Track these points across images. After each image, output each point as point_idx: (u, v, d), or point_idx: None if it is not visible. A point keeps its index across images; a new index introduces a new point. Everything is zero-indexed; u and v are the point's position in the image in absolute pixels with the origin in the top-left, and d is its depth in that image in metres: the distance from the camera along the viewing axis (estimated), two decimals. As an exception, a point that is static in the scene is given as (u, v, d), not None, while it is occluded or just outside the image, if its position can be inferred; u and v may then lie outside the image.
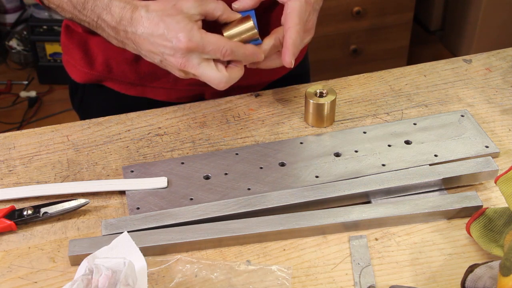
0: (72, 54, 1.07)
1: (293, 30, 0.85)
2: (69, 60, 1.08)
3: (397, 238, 0.75)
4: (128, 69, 1.03)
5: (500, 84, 0.99)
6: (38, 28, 2.55)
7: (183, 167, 0.84)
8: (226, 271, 0.71)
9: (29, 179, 0.85)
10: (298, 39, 0.85)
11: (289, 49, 0.85)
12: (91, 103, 1.12)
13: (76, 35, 1.05)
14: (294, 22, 0.85)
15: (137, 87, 1.05)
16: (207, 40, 0.79)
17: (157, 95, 1.04)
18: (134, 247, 0.67)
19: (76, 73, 1.08)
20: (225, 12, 0.83)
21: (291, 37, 0.85)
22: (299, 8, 0.86)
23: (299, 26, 0.86)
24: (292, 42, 0.85)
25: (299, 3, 0.86)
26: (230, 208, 0.77)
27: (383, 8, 2.39)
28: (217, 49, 0.80)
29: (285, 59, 0.86)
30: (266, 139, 0.90)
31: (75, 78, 1.09)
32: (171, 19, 0.79)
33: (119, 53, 1.01)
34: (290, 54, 0.85)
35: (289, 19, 0.86)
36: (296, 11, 0.86)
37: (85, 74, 1.06)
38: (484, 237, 0.72)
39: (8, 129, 2.32)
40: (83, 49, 1.05)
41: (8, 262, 0.74)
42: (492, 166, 0.81)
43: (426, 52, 2.76)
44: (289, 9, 0.86)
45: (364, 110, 0.95)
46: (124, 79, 1.04)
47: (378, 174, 0.81)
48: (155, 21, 0.79)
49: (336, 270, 0.72)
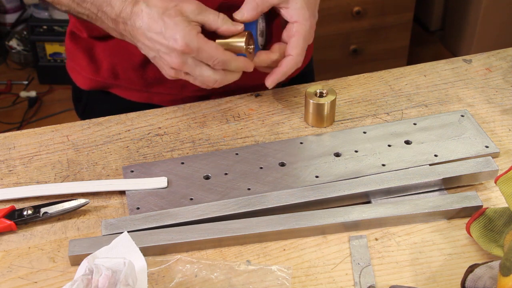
0: (77, 60, 1.06)
1: (293, 60, 0.86)
2: (74, 67, 1.08)
3: (397, 238, 0.75)
4: (135, 75, 1.02)
5: (500, 84, 0.99)
6: (38, 28, 2.55)
7: (183, 167, 0.84)
8: (226, 271, 0.71)
9: (29, 179, 0.85)
10: (293, 68, 0.87)
11: (278, 75, 0.87)
12: (96, 110, 1.11)
13: (81, 42, 1.05)
14: (298, 51, 0.86)
15: (143, 93, 1.05)
16: (202, 47, 0.80)
17: (163, 101, 1.04)
18: (134, 247, 0.67)
19: (82, 79, 1.08)
20: (223, 26, 0.83)
21: (288, 65, 0.86)
22: (306, 33, 0.86)
23: (301, 56, 0.87)
24: (286, 70, 0.87)
25: (305, 27, 0.86)
26: (230, 208, 0.77)
27: (383, 8, 2.39)
28: (210, 58, 0.81)
29: (268, 81, 0.88)
30: (266, 139, 0.90)
31: (80, 85, 1.09)
32: (170, 20, 0.79)
33: (125, 59, 1.01)
34: (275, 80, 0.87)
35: (292, 46, 0.86)
36: (301, 37, 0.86)
37: (90, 80, 1.06)
38: (484, 237, 0.72)
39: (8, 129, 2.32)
40: (88, 55, 1.04)
41: (8, 262, 0.74)
42: (492, 166, 0.81)
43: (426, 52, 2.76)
44: (294, 33, 0.86)
45: (364, 110, 0.95)
46: (130, 85, 1.04)
47: (378, 174, 0.81)
48: (154, 18, 0.80)
49: (336, 270, 0.72)
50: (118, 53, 1.01)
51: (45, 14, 2.68)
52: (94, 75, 1.05)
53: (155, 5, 0.80)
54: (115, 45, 1.00)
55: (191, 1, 0.82)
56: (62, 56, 2.56)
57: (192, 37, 0.79)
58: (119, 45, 0.98)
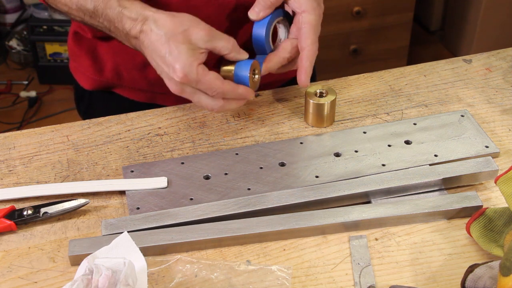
0: (80, 61, 1.06)
1: (310, 51, 0.86)
2: (78, 67, 1.08)
3: (397, 238, 0.75)
4: (138, 76, 1.02)
5: (500, 84, 0.99)
6: (38, 28, 2.55)
7: (183, 167, 0.84)
8: (226, 271, 0.71)
9: (29, 179, 0.85)
10: (314, 58, 0.87)
11: (306, 70, 0.86)
12: (99, 110, 1.11)
13: (85, 42, 1.05)
14: (311, 40, 0.86)
15: (147, 93, 1.05)
16: (201, 79, 0.80)
17: (166, 101, 1.04)
18: (134, 247, 0.67)
19: (85, 80, 1.08)
20: (232, 52, 0.83)
21: (309, 58, 0.86)
22: (315, 22, 0.86)
23: (316, 45, 0.86)
24: (309, 64, 0.86)
25: (314, 16, 0.86)
26: (230, 208, 0.77)
27: (383, 8, 2.39)
28: (209, 89, 0.81)
29: (302, 80, 0.87)
30: (266, 139, 0.90)
31: (83, 85, 1.09)
32: (175, 46, 0.79)
33: (129, 60, 1.01)
34: (307, 76, 0.87)
35: (304, 37, 0.86)
36: (312, 27, 0.86)
37: (94, 81, 1.06)
38: (484, 237, 0.72)
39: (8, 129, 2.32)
40: (92, 56, 1.04)
41: (8, 262, 0.74)
42: (492, 166, 0.81)
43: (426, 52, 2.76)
44: (304, 24, 0.86)
45: (364, 110, 0.95)
46: (134, 86, 1.04)
47: (378, 174, 0.81)
48: (161, 41, 0.79)
49: (336, 270, 0.72)
50: (122, 54, 1.01)
51: (45, 14, 2.68)
52: (97, 75, 1.05)
53: (164, 26, 0.79)
54: (119, 45, 1.00)
55: (202, 27, 0.80)
56: (62, 56, 2.56)
57: (192, 68, 0.79)
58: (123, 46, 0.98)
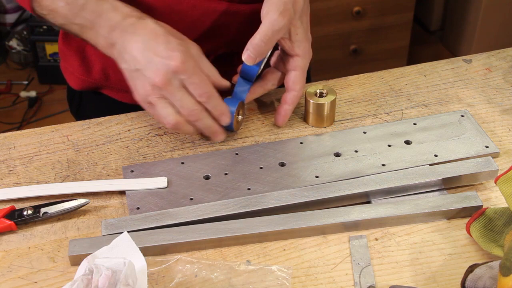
0: (69, 61, 1.07)
1: (297, 96, 0.89)
2: (67, 67, 1.08)
3: (397, 238, 0.75)
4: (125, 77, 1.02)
5: (500, 84, 0.99)
6: (38, 28, 2.55)
7: (183, 167, 0.84)
8: (226, 271, 0.71)
9: (29, 179, 0.85)
10: (297, 102, 0.90)
11: (287, 113, 0.90)
12: (89, 110, 1.12)
13: (74, 42, 1.05)
14: (300, 86, 0.89)
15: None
16: (197, 72, 0.80)
17: None
18: (134, 247, 0.67)
19: (74, 80, 1.08)
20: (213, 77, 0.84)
21: (293, 102, 0.89)
22: (305, 67, 0.89)
23: (302, 90, 0.89)
24: (292, 107, 0.90)
25: (306, 61, 0.88)
26: (230, 208, 0.77)
27: (383, 8, 2.39)
28: (199, 86, 0.81)
29: (279, 121, 0.90)
30: (266, 139, 0.90)
31: (72, 85, 1.09)
32: (174, 39, 0.81)
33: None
34: (286, 118, 0.90)
35: (294, 80, 0.88)
36: (303, 72, 0.89)
37: (82, 81, 1.06)
38: (484, 237, 0.72)
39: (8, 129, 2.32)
40: (80, 56, 1.05)
41: (8, 262, 0.74)
42: (492, 166, 0.81)
43: (426, 52, 2.76)
44: (296, 67, 0.88)
45: (364, 110, 0.95)
46: (121, 87, 1.04)
47: (378, 174, 0.81)
48: (159, 33, 0.81)
49: (336, 270, 0.72)
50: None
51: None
52: (86, 75, 1.05)
53: (163, 25, 0.82)
54: None
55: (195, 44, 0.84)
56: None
57: (190, 57, 0.80)
58: None
